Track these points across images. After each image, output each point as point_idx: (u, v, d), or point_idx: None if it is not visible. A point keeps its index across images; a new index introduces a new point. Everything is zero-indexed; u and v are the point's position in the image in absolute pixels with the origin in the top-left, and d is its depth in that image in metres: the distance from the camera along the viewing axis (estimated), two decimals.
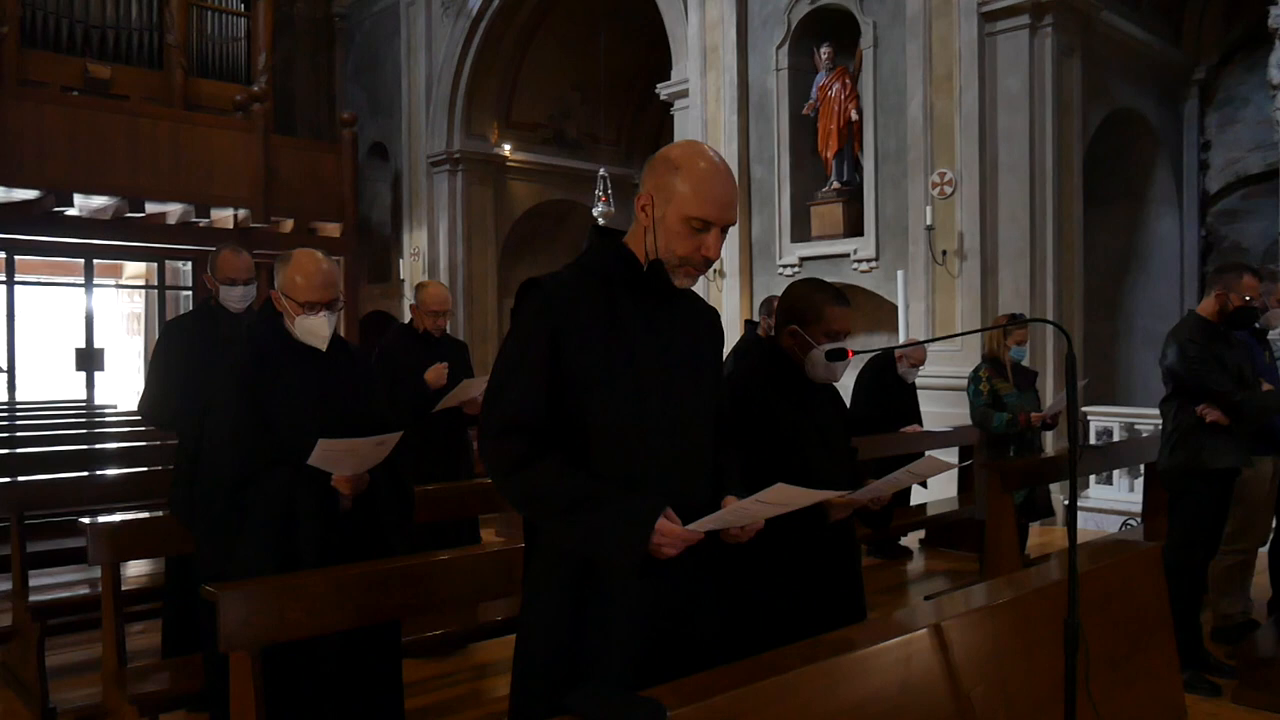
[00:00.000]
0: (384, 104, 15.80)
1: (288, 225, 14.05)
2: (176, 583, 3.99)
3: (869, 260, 9.48)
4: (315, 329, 2.99)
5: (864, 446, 7.00)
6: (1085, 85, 8.99)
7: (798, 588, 2.69)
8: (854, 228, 9.66)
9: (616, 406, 2.06)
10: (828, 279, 8.86)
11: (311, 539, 2.82)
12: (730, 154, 10.47)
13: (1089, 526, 8.29)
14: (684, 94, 11.09)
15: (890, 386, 6.97)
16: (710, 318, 2.35)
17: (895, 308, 9.21)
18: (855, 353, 2.74)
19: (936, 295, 8.84)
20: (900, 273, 9.08)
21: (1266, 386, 4.53)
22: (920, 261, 8.93)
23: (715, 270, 10.65)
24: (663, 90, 11.49)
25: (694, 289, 2.23)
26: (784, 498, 1.98)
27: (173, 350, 4.14)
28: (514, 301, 2.20)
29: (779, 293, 10.17)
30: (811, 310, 2.80)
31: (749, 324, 6.60)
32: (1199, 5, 11.03)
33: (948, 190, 8.75)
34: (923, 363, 6.92)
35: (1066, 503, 8.10)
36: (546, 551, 2.13)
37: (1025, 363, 6.04)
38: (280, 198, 13.86)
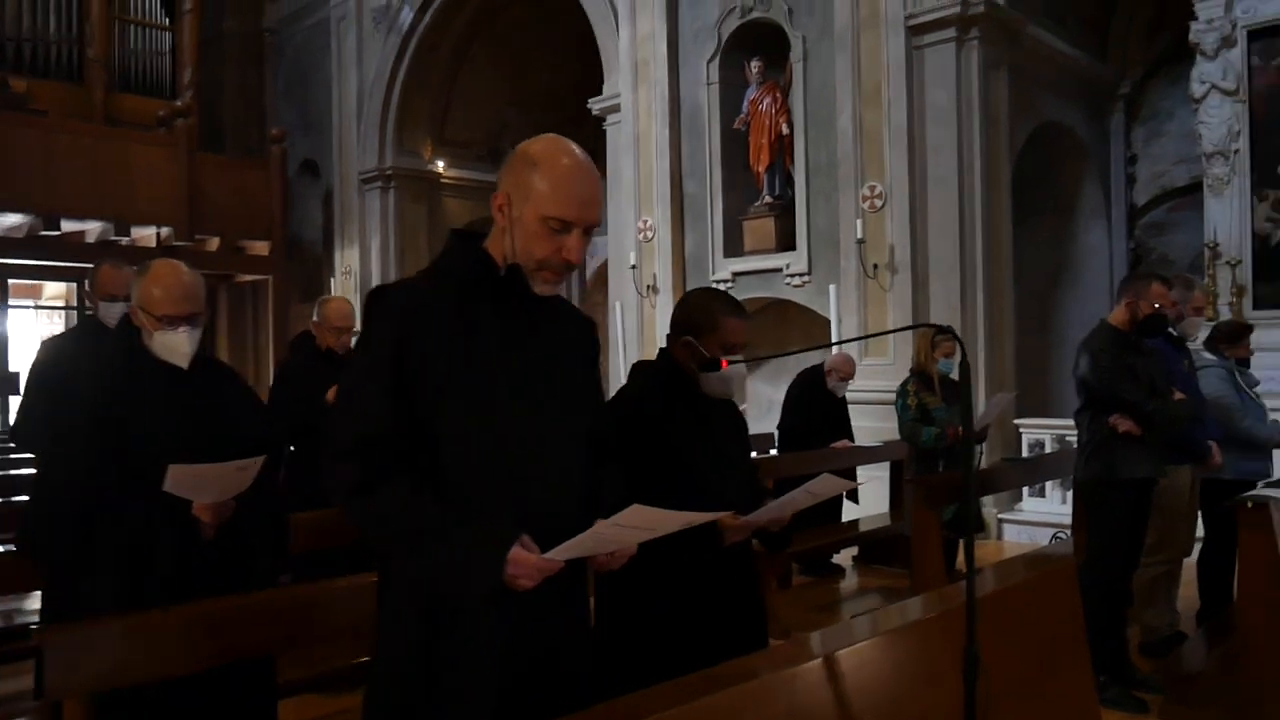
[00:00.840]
0: (315, 120, 15.50)
1: (213, 243, 13.67)
2: (49, 619, 3.72)
3: (801, 275, 9.40)
4: (174, 345, 2.77)
5: (792, 462, 6.91)
6: (1013, 99, 9.02)
7: (686, 616, 2.52)
8: (786, 242, 9.59)
9: (469, 423, 1.89)
10: (761, 294, 8.79)
11: (165, 572, 2.59)
12: (662, 169, 10.37)
13: (1022, 540, 8.24)
14: (615, 109, 10.98)
15: (819, 401, 6.88)
16: (583, 328, 2.18)
17: (829, 322, 9.13)
18: (730, 362, 2.58)
19: (868, 309, 8.78)
20: (832, 287, 9.01)
21: (1179, 395, 4.46)
22: (852, 275, 8.87)
23: (648, 287, 10.53)
24: (594, 105, 11.36)
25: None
26: (643, 520, 1.81)
27: (47, 369, 3.88)
28: (363, 311, 2.02)
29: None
30: (707, 321, 2.65)
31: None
32: (1124, 20, 11.17)
33: (878, 204, 8.70)
34: (852, 376, 6.82)
35: (1000, 517, 8.05)
36: (398, 582, 1.94)
37: (954, 376, 5.95)
38: (206, 215, 13.48)
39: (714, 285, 10.09)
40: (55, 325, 16.87)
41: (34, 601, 4.79)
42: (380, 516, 1.85)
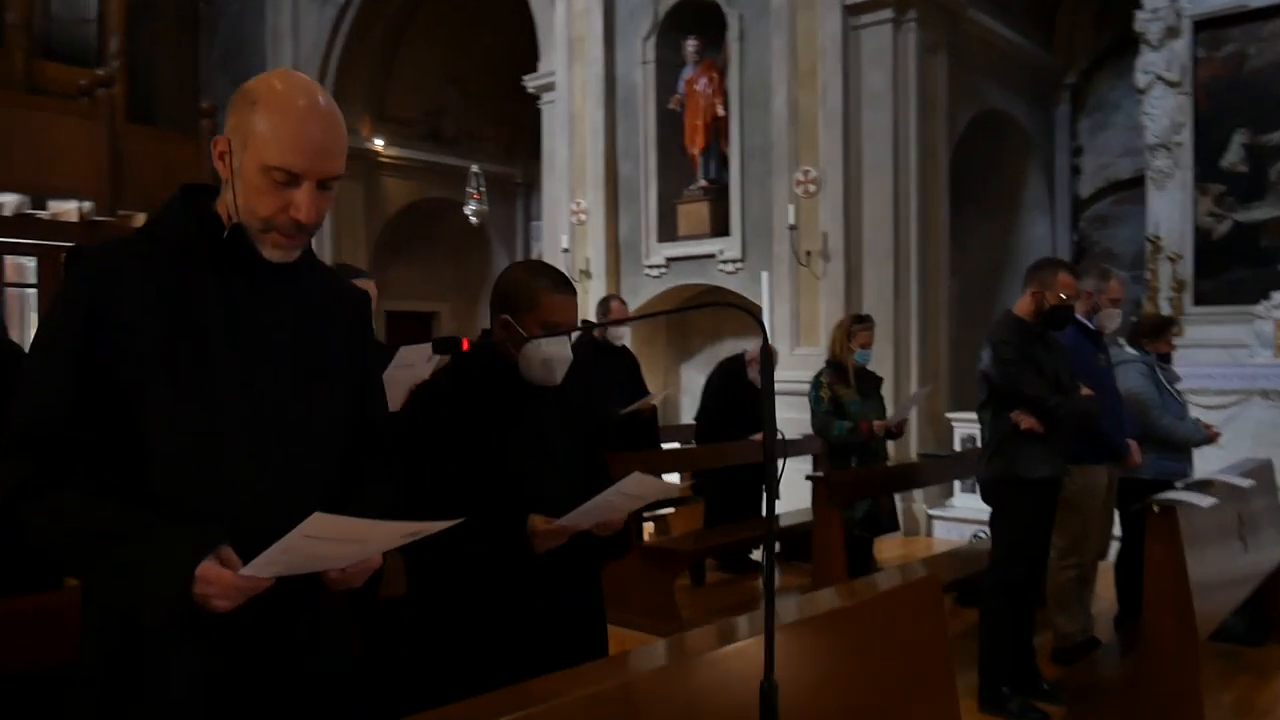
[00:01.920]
0: None
1: (139, 219, 13.13)
2: None
3: (735, 261, 9.12)
4: None
5: (709, 455, 6.63)
6: (952, 84, 8.78)
7: (496, 631, 2.22)
8: (720, 227, 9.30)
9: (178, 408, 1.56)
10: (694, 281, 8.47)
11: None
12: (596, 150, 10.04)
13: (953, 536, 8.02)
14: (550, 87, 10.63)
15: (740, 391, 6.60)
16: (348, 301, 1.86)
17: (762, 311, 8.85)
18: (530, 337, 2.28)
19: (801, 298, 8.52)
20: (765, 274, 8.73)
21: (1085, 391, 4.21)
22: (785, 263, 8.60)
23: (581, 271, 10.20)
24: (529, 83, 11.01)
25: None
26: (335, 530, 1.49)
27: None
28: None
29: (649, 294, 9.63)
30: (526, 297, 2.34)
31: (585, 322, 6.14)
32: (1071, 10, 10.97)
33: (812, 189, 8.44)
34: (774, 366, 6.54)
35: (931, 513, 7.81)
36: (94, 594, 1.62)
37: (870, 367, 5.68)
38: (131, 190, 12.92)
39: (648, 271, 9.80)
40: None
41: None
42: (51, 521, 1.52)
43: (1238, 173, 9.31)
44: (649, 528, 7.63)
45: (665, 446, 7.31)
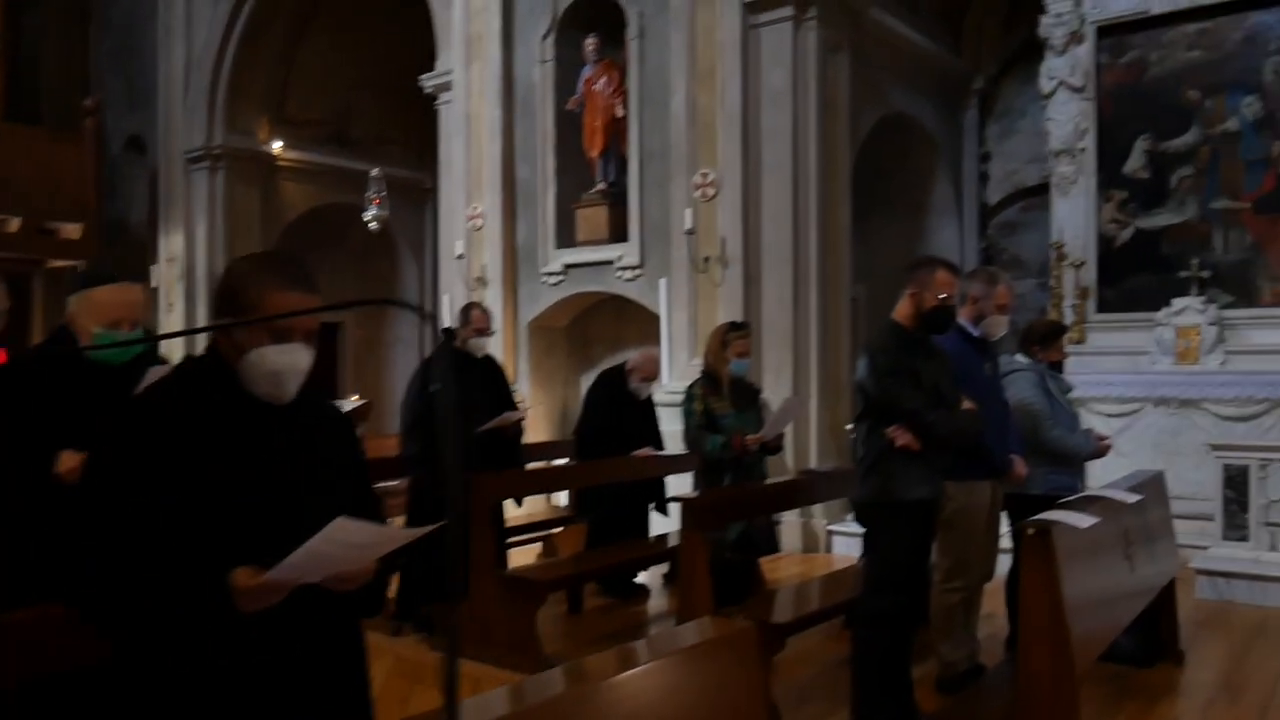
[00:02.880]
0: (142, 93, 14.33)
1: (13, 224, 12.43)
2: None
3: (633, 268, 8.79)
4: None
5: (588, 472, 6.27)
6: (855, 85, 8.56)
7: (206, 707, 1.82)
8: (619, 233, 8.97)
9: None
10: (593, 288, 8.08)
11: None
12: (493, 153, 9.66)
13: (853, 553, 7.73)
14: (447, 87, 10.21)
15: (621, 403, 6.25)
16: None
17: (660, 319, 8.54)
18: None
19: (699, 304, 8.22)
20: (663, 281, 8.42)
21: (967, 404, 3.94)
22: (683, 269, 8.29)
23: (477, 279, 9.80)
24: (426, 82, 10.59)
25: None
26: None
27: None
28: None
29: (547, 302, 9.29)
30: (251, 297, 1.95)
31: (446, 332, 5.72)
32: (978, 14, 10.88)
33: (710, 192, 8.15)
34: (655, 376, 6.21)
35: (830, 529, 7.52)
36: None
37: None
38: (6, 193, 12.24)
39: (545, 278, 9.42)
40: None
41: None
42: None
43: (1140, 179, 9.25)
44: (536, 549, 7.25)
45: (557, 463, 6.95)
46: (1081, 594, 3.57)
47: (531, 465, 6.68)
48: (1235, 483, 6.48)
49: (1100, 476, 8.54)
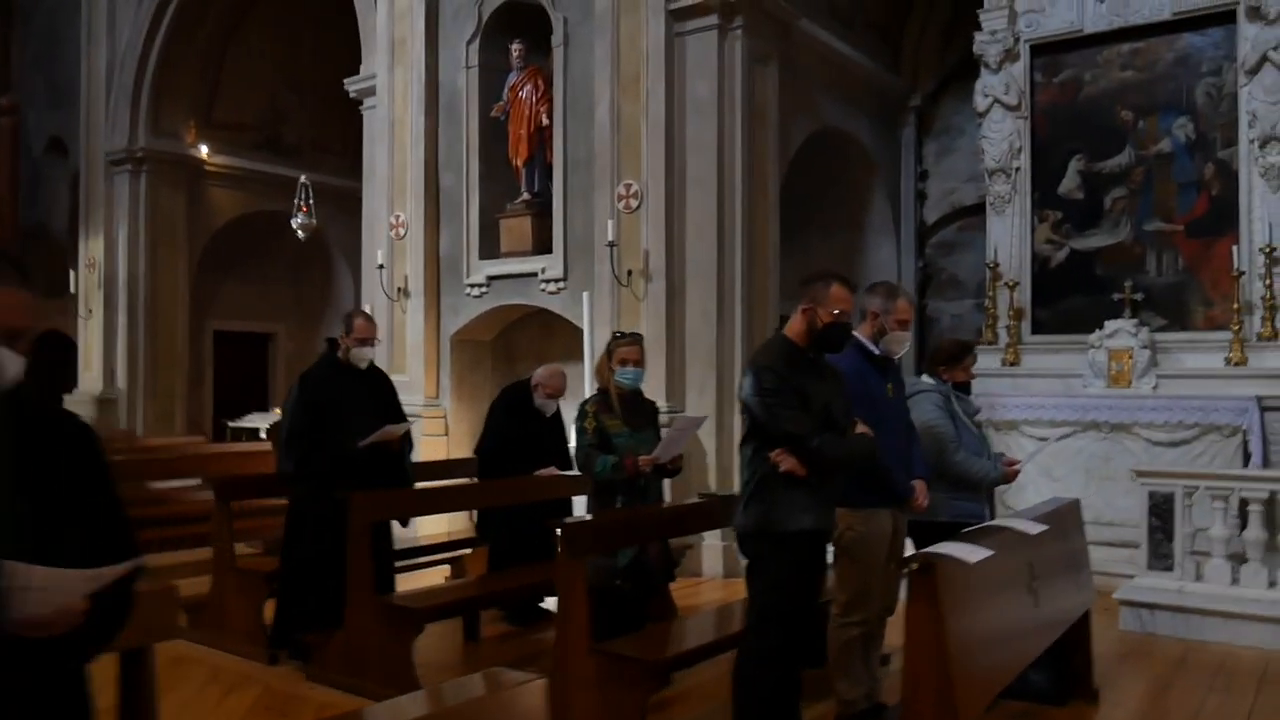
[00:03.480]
0: (65, 93, 13.85)
1: None
2: None
3: (557, 281, 8.50)
4: None
5: (488, 492, 5.95)
6: (785, 97, 8.36)
7: None
8: (544, 244, 8.68)
9: None
10: (516, 301, 7.73)
11: None
12: (417, 159, 9.35)
13: None
14: (372, 91, 9.89)
15: (525, 419, 5.95)
16: None
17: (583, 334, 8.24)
18: None
19: (622, 319, 7.93)
20: (586, 294, 8.13)
21: (861, 428, 3.68)
22: (606, 282, 8.01)
23: (399, 289, 9.46)
24: (351, 86, 10.27)
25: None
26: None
27: None
28: None
29: (470, 314, 8.91)
30: None
31: (329, 342, 5.36)
32: (916, 31, 10.75)
33: (633, 204, 7.89)
34: (562, 393, 5.91)
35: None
36: None
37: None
38: None
39: (468, 290, 9.11)
40: None
41: None
42: None
43: (1074, 200, 9.13)
44: (445, 570, 6.92)
45: (458, 482, 6.61)
46: (976, 631, 3.33)
47: (435, 484, 6.35)
48: (1160, 511, 6.30)
49: (1029, 499, 8.40)
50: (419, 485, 6.14)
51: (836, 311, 3.59)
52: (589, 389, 8.13)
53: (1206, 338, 8.31)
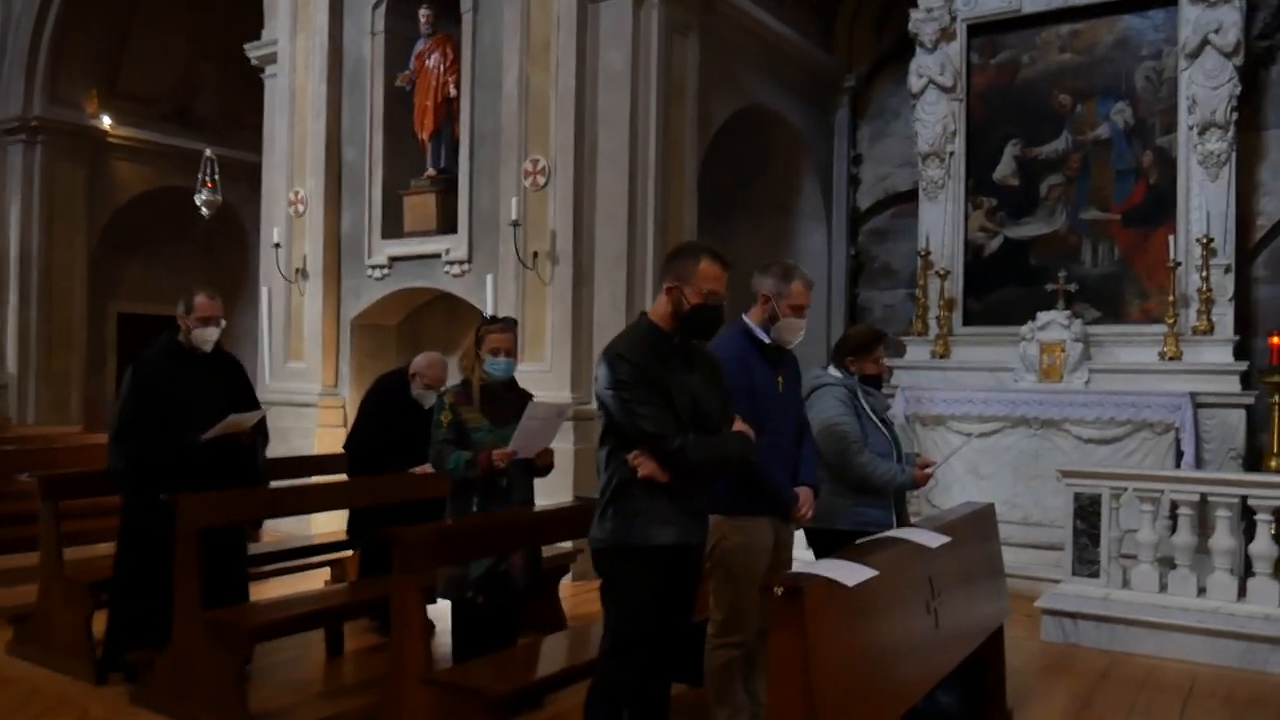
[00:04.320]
0: None
1: None
2: None
3: (461, 263, 7.95)
4: None
5: (358, 491, 5.41)
6: (707, 72, 7.88)
7: None
8: (449, 224, 8.11)
9: None
10: (420, 284, 7.12)
11: None
12: (318, 131, 8.75)
13: None
14: (273, 58, 9.25)
15: (401, 411, 5.41)
16: None
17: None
18: None
19: (526, 305, 7.42)
20: (490, 277, 7.60)
21: (739, 426, 3.21)
22: (511, 265, 7.48)
23: (297, 270, 8.85)
24: (251, 52, 9.63)
25: None
26: None
27: None
28: None
29: (372, 298, 8.27)
30: None
31: (169, 324, 4.80)
32: (851, 9, 10.32)
33: (540, 180, 7.36)
34: (442, 383, 5.36)
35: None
36: None
37: (516, 381, 4.47)
38: None
39: (370, 272, 8.53)
40: None
41: None
42: None
43: (1010, 186, 8.78)
44: (325, 574, 6.37)
45: (323, 480, 6.05)
46: (858, 660, 2.87)
47: (301, 482, 5.80)
48: (1086, 513, 5.92)
49: (956, 498, 8.01)
50: (285, 484, 5.60)
51: (707, 291, 3.11)
52: None
53: (1141, 331, 7.99)
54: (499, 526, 3.85)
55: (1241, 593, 5.55)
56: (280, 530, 7.50)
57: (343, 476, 5.67)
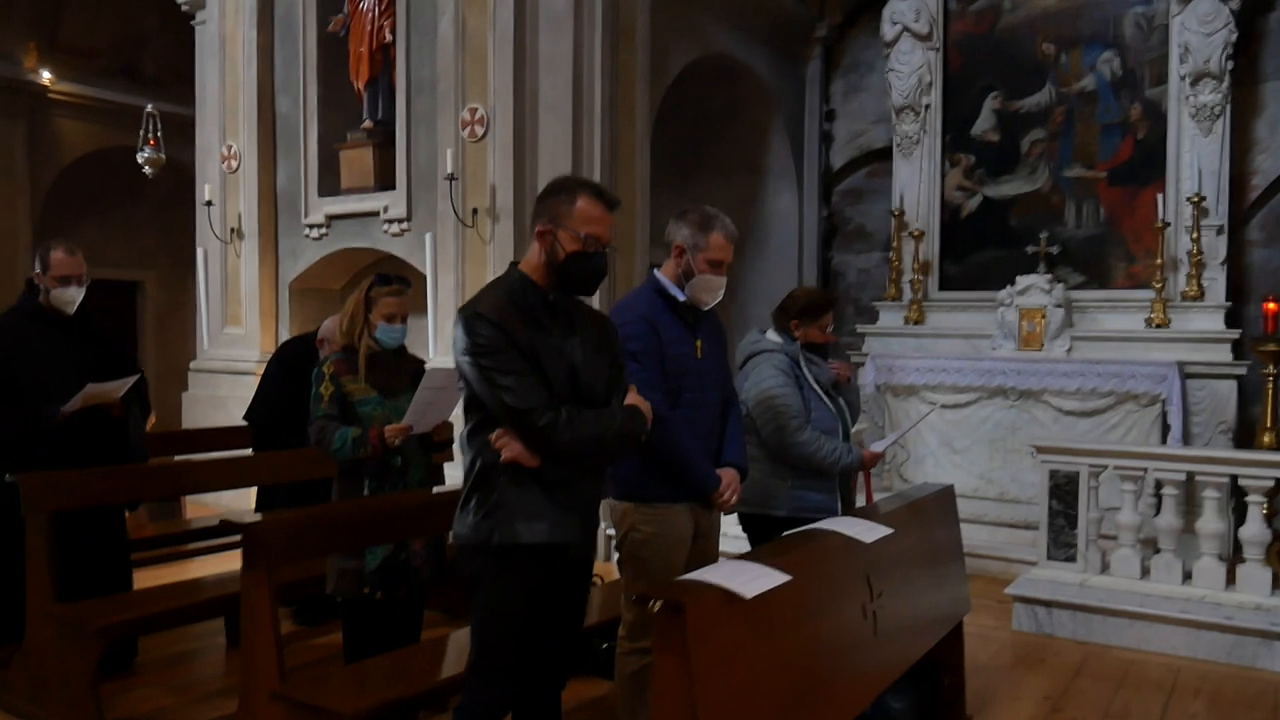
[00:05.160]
0: None
1: None
2: None
3: (400, 221, 7.39)
4: None
5: (261, 467, 4.90)
6: (660, 16, 7.31)
7: None
8: (387, 179, 7.54)
9: None
10: (358, 244, 6.47)
11: None
12: (249, 81, 8.17)
13: None
14: (203, 3, 8.63)
15: (309, 380, 4.86)
16: None
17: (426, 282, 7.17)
18: None
19: (466, 265, 6.90)
20: (429, 236, 7.06)
21: (632, 398, 2.69)
22: (450, 222, 6.93)
23: (232, 230, 8.30)
24: None
25: None
26: None
27: None
28: None
29: (311, 259, 7.82)
30: None
31: (28, 284, 4.24)
32: None
33: (479, 131, 6.80)
34: None
35: (611, 532, 6.26)
36: None
37: (405, 348, 3.92)
38: None
39: (307, 231, 7.98)
40: None
41: None
42: None
43: (989, 142, 8.23)
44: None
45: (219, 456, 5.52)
46: (768, 678, 2.38)
47: (196, 458, 5.28)
48: (1062, 492, 5.43)
49: (929, 473, 7.53)
50: (179, 459, 5.09)
51: (585, 235, 2.59)
52: (433, 348, 7.11)
53: (1127, 296, 7.48)
54: (389, 512, 3.33)
55: (1230, 580, 5.06)
56: (222, 505, 7.04)
57: (230, 454, 5.15)
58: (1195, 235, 7.07)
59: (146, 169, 10.59)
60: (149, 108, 10.55)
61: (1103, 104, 7.81)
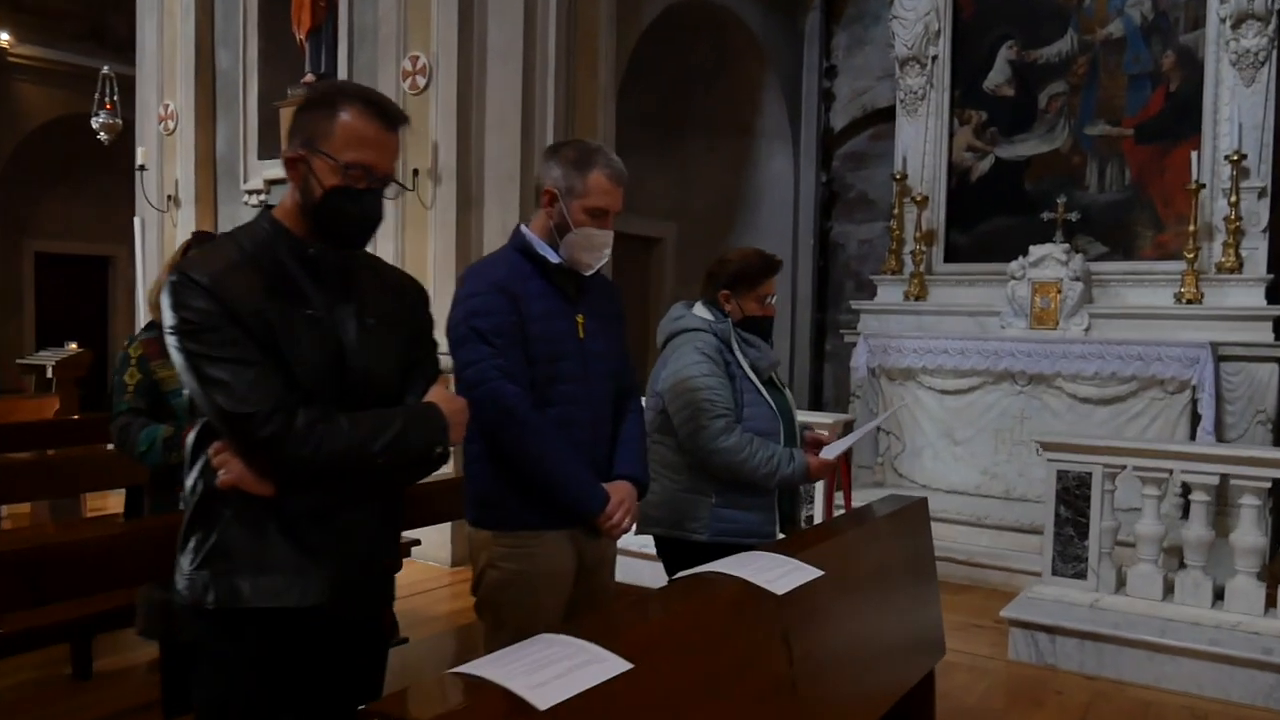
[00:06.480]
0: None
1: None
2: None
3: None
4: None
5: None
6: None
7: None
8: None
9: None
10: None
11: None
12: (187, 33, 7.46)
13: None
14: None
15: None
16: None
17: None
18: None
19: (406, 233, 6.17)
20: None
21: (435, 392, 1.94)
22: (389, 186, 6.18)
23: (169, 197, 7.62)
24: None
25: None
26: None
27: None
28: None
29: (244, 223, 7.04)
30: None
31: None
32: None
33: (420, 82, 6.06)
34: None
35: None
36: None
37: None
38: None
39: (246, 197, 7.30)
40: None
41: None
42: None
43: (1003, 97, 7.40)
44: None
45: None
46: None
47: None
48: (1072, 496, 4.65)
49: (927, 468, 6.74)
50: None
51: (347, 163, 1.84)
52: None
53: (1154, 269, 6.64)
54: (160, 540, 2.61)
55: (1271, 604, 4.27)
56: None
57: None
58: (1234, 199, 6.22)
59: (102, 135, 9.93)
60: (105, 69, 9.88)
61: (1131, 52, 6.96)
